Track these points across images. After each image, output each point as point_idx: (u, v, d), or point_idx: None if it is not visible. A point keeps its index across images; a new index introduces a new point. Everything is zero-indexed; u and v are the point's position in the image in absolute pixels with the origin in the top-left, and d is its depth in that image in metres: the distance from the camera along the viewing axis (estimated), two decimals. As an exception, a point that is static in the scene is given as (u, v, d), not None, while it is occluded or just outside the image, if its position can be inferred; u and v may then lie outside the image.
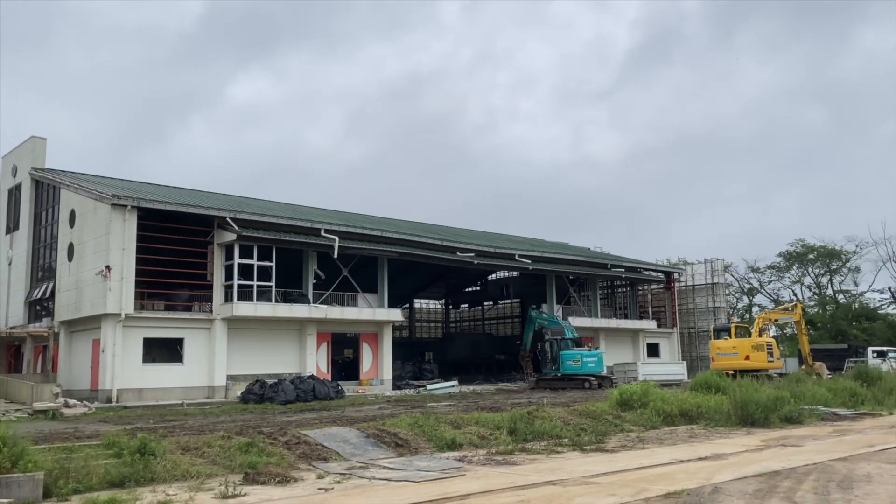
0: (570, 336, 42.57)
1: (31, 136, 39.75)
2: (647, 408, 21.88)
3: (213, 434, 15.44)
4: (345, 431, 16.77)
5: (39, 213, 39.53)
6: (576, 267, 51.39)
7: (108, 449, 13.56)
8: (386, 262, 40.71)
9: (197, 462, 13.47)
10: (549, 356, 42.26)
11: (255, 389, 31.87)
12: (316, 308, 36.75)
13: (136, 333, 32.40)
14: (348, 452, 15.36)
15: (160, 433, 15.99)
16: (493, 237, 55.99)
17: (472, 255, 44.06)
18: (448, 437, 16.81)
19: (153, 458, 12.78)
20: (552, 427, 18.63)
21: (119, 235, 31.77)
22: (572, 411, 21.62)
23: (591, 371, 40.57)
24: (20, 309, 39.65)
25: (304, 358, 37.13)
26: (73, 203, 35.28)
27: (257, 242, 34.80)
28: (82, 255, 33.82)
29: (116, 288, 31.45)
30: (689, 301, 60.58)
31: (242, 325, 35.30)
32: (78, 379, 33.56)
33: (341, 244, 37.07)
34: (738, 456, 14.71)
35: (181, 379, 33.46)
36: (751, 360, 36.24)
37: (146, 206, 32.71)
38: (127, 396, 31.37)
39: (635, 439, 18.13)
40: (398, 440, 16.51)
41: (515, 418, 18.55)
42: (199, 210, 34.42)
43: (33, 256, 39.65)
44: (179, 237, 33.85)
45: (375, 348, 40.58)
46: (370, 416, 21.78)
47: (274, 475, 12.36)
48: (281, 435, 16.02)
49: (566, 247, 61.78)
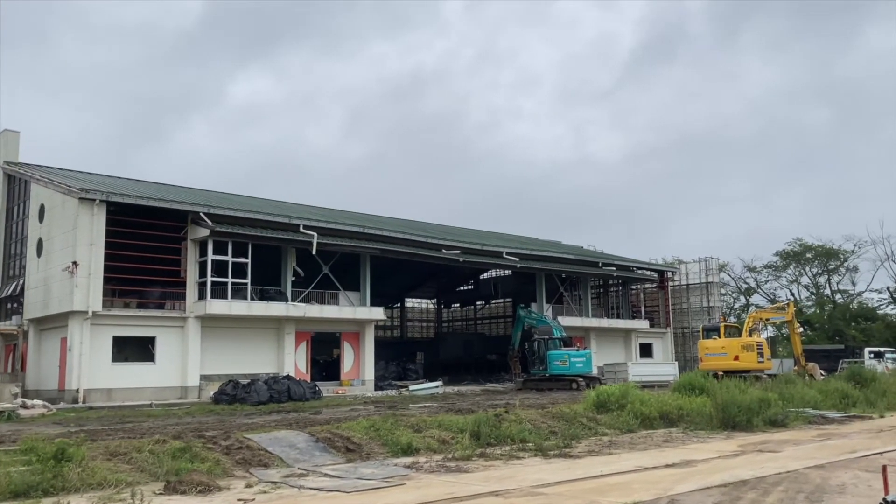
0: (559, 336, 41.59)
1: (3, 130, 38.77)
2: (625, 410, 20.85)
3: (146, 438, 14.41)
4: (293, 436, 15.74)
5: (11, 207, 38.58)
6: (566, 265, 50.32)
7: (24, 455, 12.54)
8: (368, 260, 39.68)
9: (121, 469, 12.45)
10: (536, 356, 41.31)
11: (228, 390, 30.89)
12: (294, 306, 35.72)
13: (105, 332, 31.39)
14: (292, 458, 14.33)
15: (87, 437, 14.95)
16: (483, 235, 54.94)
17: (458, 252, 43.00)
18: (404, 442, 15.79)
19: (70, 464, 11.75)
20: (519, 431, 17.59)
21: (87, 230, 30.76)
22: (545, 413, 20.61)
23: (579, 371, 39.59)
24: (-9, 306, 38.70)
25: (282, 358, 36.13)
26: (42, 197, 34.31)
27: (232, 238, 33.78)
28: (51, 251, 32.85)
29: (83, 284, 30.45)
30: (684, 301, 59.52)
31: (217, 323, 34.29)
32: (46, 378, 32.57)
33: (320, 241, 36.04)
34: (709, 463, 13.68)
35: (153, 379, 32.45)
36: (740, 360, 35.16)
37: (115, 199, 31.72)
38: (95, 397, 30.36)
39: (606, 444, 17.11)
40: (350, 445, 15.48)
41: (480, 421, 17.49)
42: (171, 205, 33.40)
43: (5, 252, 38.70)
44: (152, 233, 32.84)
45: (357, 348, 39.56)
46: (338, 418, 20.77)
47: (196, 484, 11.33)
48: (223, 439, 15.00)
49: (558, 245, 60.72)
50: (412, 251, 41.12)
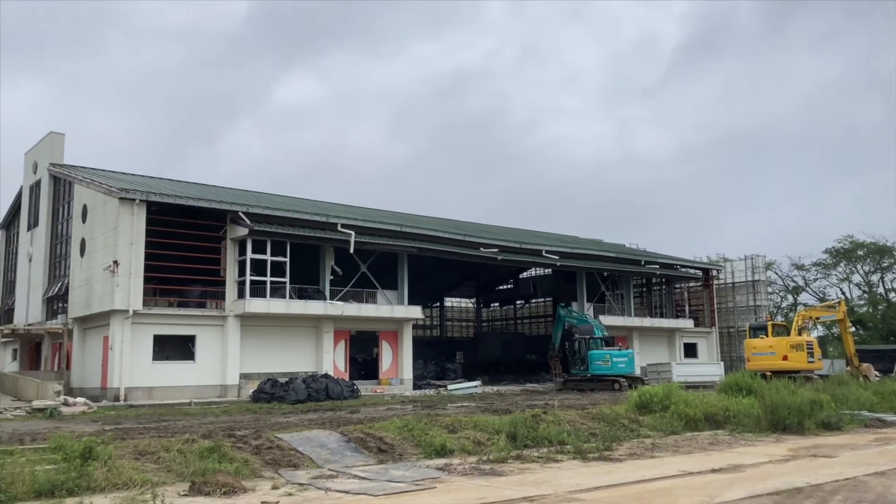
0: (600, 335, 40.83)
1: (49, 132, 39.42)
2: (669, 411, 20.10)
3: (177, 437, 14.22)
4: (324, 435, 15.41)
5: (56, 208, 39.21)
6: (607, 263, 49.40)
7: (53, 453, 12.42)
8: (406, 259, 39.37)
9: (148, 468, 12.24)
10: (577, 356, 40.59)
11: (267, 388, 30.89)
12: (332, 305, 35.58)
13: (146, 330, 31.63)
14: (323, 459, 13.99)
15: (119, 435, 14.84)
16: (522, 233, 54.25)
17: (496, 251, 42.43)
18: (438, 443, 15.32)
19: (96, 464, 11.57)
20: (557, 432, 16.99)
21: (127, 230, 31.02)
22: (585, 414, 19.96)
23: (621, 372, 38.77)
24: (39, 306, 39.36)
25: (321, 356, 36.03)
26: (85, 198, 34.76)
27: (270, 237, 33.77)
28: (93, 251, 33.23)
29: (124, 284, 30.70)
30: (729, 299, 57.99)
31: (256, 322, 34.33)
32: (90, 377, 32.97)
33: (358, 239, 35.85)
34: (758, 468, 12.94)
35: (193, 377, 32.60)
36: (789, 360, 33.87)
37: (155, 199, 31.94)
38: (136, 395, 30.60)
39: (649, 446, 16.41)
40: (382, 445, 15.08)
41: (517, 422, 16.94)
42: (209, 204, 33.54)
43: (51, 253, 39.35)
44: (191, 232, 33.04)
45: (395, 347, 39.29)
46: (373, 417, 20.47)
47: (221, 485, 11.03)
48: (254, 438, 14.75)
49: (599, 243, 59.67)
50: (450, 249, 40.69)
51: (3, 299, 44.92)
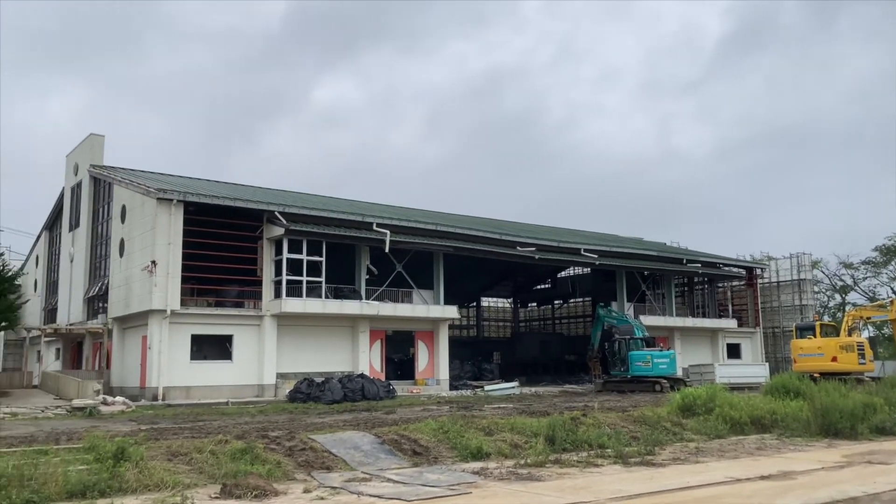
0: (641, 335, 40.07)
1: (89, 134, 39.96)
2: (713, 414, 19.44)
3: (210, 438, 14.07)
4: (358, 437, 15.14)
5: (97, 209, 39.72)
6: (648, 262, 48.50)
7: (86, 453, 12.33)
8: (441, 258, 39.07)
9: (180, 470, 12.08)
10: (617, 357, 39.89)
11: (303, 388, 30.86)
12: (367, 304, 35.44)
13: (184, 330, 31.80)
14: (357, 461, 13.72)
15: (152, 435, 14.75)
16: (560, 232, 53.56)
17: (533, 249, 41.89)
18: (474, 446, 14.94)
19: (127, 464, 11.45)
20: (598, 435, 16.49)
21: (165, 230, 31.23)
22: (626, 417, 19.40)
23: (662, 373, 37.98)
24: (80, 305, 39.93)
25: (357, 356, 35.92)
26: (124, 198, 35.13)
27: (306, 237, 33.74)
28: (132, 251, 33.55)
29: (162, 284, 30.91)
30: (774, 299, 56.55)
31: (292, 321, 34.33)
32: (129, 376, 33.29)
33: (393, 238, 35.65)
34: (810, 475, 12.31)
35: (230, 377, 32.71)
36: (838, 361, 32.74)
37: (192, 199, 32.11)
38: (174, 394, 30.78)
39: (693, 451, 15.82)
40: (417, 448, 14.75)
41: (555, 425, 16.47)
42: (246, 204, 33.64)
43: (91, 253, 39.89)
44: (229, 232, 33.16)
45: (431, 347, 39.01)
46: (409, 418, 20.18)
47: (252, 488, 10.81)
48: (287, 439, 14.54)
49: (639, 242, 58.67)
50: (486, 249, 40.28)
51: (47, 299, 45.72)
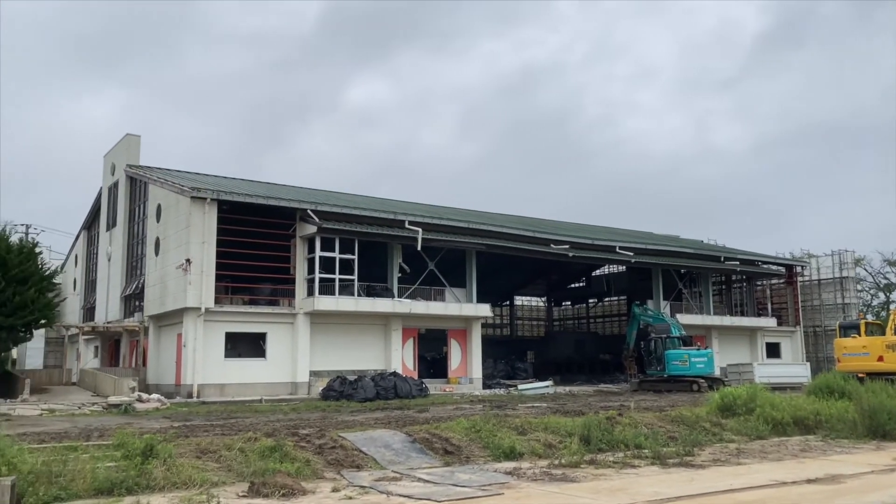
0: (677, 334, 39.31)
1: (126, 134, 40.42)
2: (754, 414, 18.87)
3: (240, 435, 13.95)
4: (389, 435, 14.92)
5: (133, 209, 40.16)
6: (685, 260, 47.63)
7: (116, 450, 12.28)
8: (474, 256, 38.74)
9: (208, 468, 11.96)
10: (653, 356, 39.19)
11: (336, 386, 30.79)
12: (399, 302, 35.27)
13: (218, 328, 31.95)
14: (387, 460, 13.50)
15: (183, 433, 14.68)
16: (594, 230, 52.88)
17: (567, 247, 41.35)
18: (507, 445, 14.63)
19: (155, 462, 11.36)
20: (634, 435, 16.06)
21: (199, 228, 31.39)
22: (663, 417, 18.92)
23: (699, 372, 37.23)
24: (117, 304, 40.42)
25: (389, 354, 35.78)
26: (159, 198, 35.43)
27: (339, 235, 33.68)
28: (167, 250, 33.82)
29: (196, 282, 31.08)
30: (815, 297, 55.17)
31: (325, 319, 34.30)
32: (165, 373, 33.56)
33: (425, 236, 35.43)
34: (859, 479, 11.78)
35: (264, 374, 32.78)
36: (885, 361, 31.59)
37: (225, 198, 32.24)
38: (208, 392, 30.92)
39: (733, 452, 15.32)
40: (448, 447, 14.48)
41: (590, 424, 16.09)
42: (279, 202, 33.69)
43: (128, 252, 40.33)
44: (262, 230, 33.24)
45: (464, 345, 38.72)
46: (441, 416, 19.92)
47: (280, 487, 10.62)
48: (317, 437, 14.38)
49: (676, 239, 57.68)
50: (519, 246, 39.87)
51: (86, 297, 46.42)
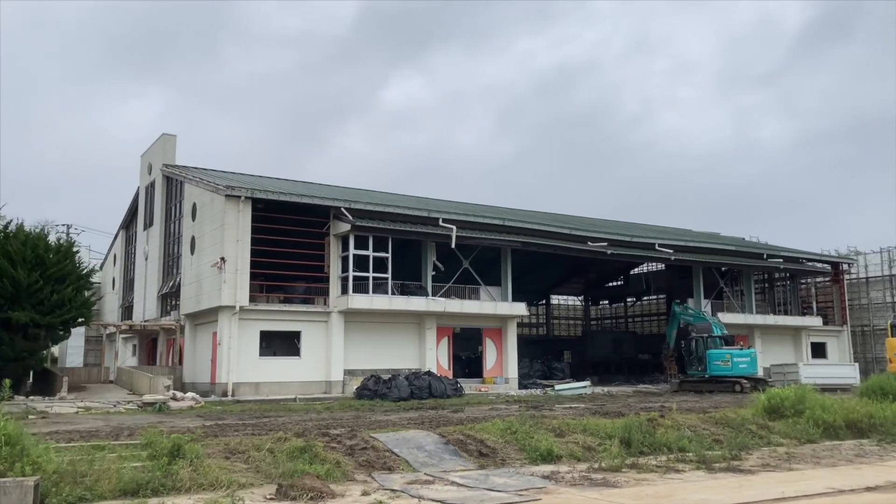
0: (719, 333, 38.29)
1: (162, 134, 40.67)
2: (803, 417, 18.04)
3: (270, 435, 13.64)
4: (422, 436, 14.49)
5: (169, 208, 40.38)
6: (726, 257, 46.45)
7: (143, 449, 12.04)
8: (509, 254, 38.17)
9: (236, 468, 11.65)
10: (694, 356, 38.25)
11: (370, 385, 30.52)
12: (434, 301, 34.86)
13: (252, 326, 31.89)
14: (420, 462, 13.07)
15: (212, 432, 14.42)
16: (633, 227, 51.91)
17: (605, 244, 40.54)
18: (544, 448, 14.10)
19: (182, 462, 11.07)
20: (677, 438, 15.41)
21: (233, 227, 31.36)
22: (707, 418, 18.20)
23: (742, 372, 36.25)
24: (154, 303, 40.69)
25: (424, 353, 35.41)
26: (194, 196, 35.53)
27: (372, 233, 33.40)
28: (202, 248, 33.88)
29: (231, 280, 31.04)
30: (863, 295, 53.45)
31: (359, 318, 34.06)
32: (200, 372, 33.62)
33: (459, 234, 34.97)
34: (923, 487, 11.01)
35: (298, 373, 32.64)
36: (940, 361, 30.49)
37: (259, 196, 32.17)
38: (243, 390, 30.86)
39: (783, 456, 14.60)
40: (483, 449, 14.00)
41: (631, 426, 15.47)
42: (312, 200, 33.53)
43: (164, 251, 40.57)
44: (296, 229, 33.11)
45: (499, 344, 38.18)
46: (476, 417, 19.47)
47: (308, 490, 10.25)
48: (348, 438, 14.00)
49: (716, 237, 56.39)
50: (555, 244, 39.17)
51: (124, 296, 46.89)
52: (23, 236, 28.51)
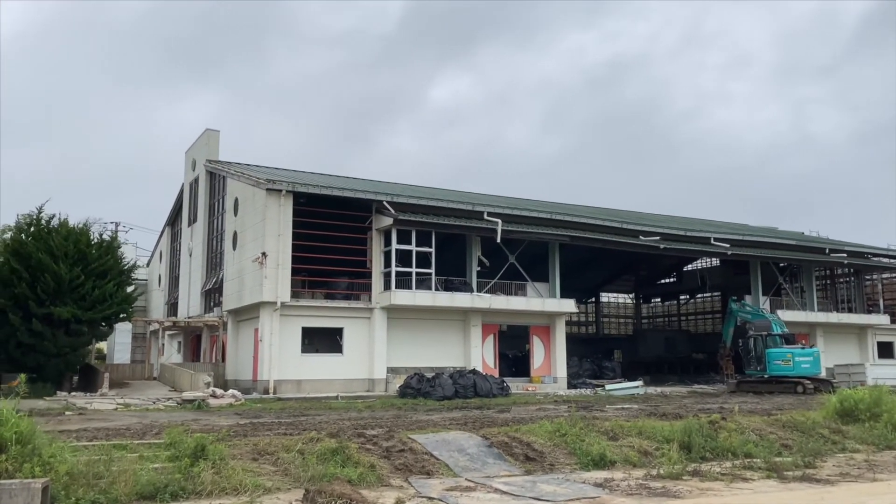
0: (779, 332, 36.44)
1: (205, 129, 40.50)
2: (880, 420, 16.55)
3: (301, 436, 12.81)
4: (464, 438, 13.51)
5: (212, 203, 40.17)
6: (786, 252, 44.38)
7: (166, 449, 11.33)
8: (557, 249, 36.89)
9: (263, 471, 10.85)
10: (752, 355, 36.49)
11: (413, 383, 29.68)
12: (479, 297, 33.82)
13: (294, 322, 31.31)
14: (461, 466, 12.10)
15: (244, 431, 13.67)
16: (686, 221, 50.05)
17: (658, 238, 38.93)
18: (596, 452, 13.01)
19: (205, 464, 10.31)
20: (742, 443, 14.15)
21: (274, 221, 30.83)
22: (773, 422, 16.84)
23: (805, 373, 34.42)
24: (198, 299, 40.55)
25: (469, 351, 34.41)
26: (236, 191, 35.17)
27: (415, 227, 32.53)
28: (243, 243, 33.48)
29: (272, 275, 30.51)
30: (933, 292, 50.62)
31: (402, 314, 33.23)
32: (243, 369, 33.21)
33: (505, 228, 33.87)
34: None
35: (341, 371, 31.97)
36: None
37: (300, 190, 31.60)
38: (285, 388, 30.31)
39: (863, 465, 13.25)
40: (530, 452, 12.97)
41: (691, 429, 14.25)
42: (354, 194, 32.83)
43: (208, 247, 40.39)
44: (338, 223, 32.42)
45: (547, 342, 36.95)
46: (523, 418, 18.44)
47: (337, 496, 9.34)
48: (385, 439, 13.11)
49: (774, 231, 54.11)
50: (606, 238, 37.71)
51: (170, 293, 46.99)
52: (65, 231, 28.39)
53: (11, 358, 27.74)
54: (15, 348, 27.23)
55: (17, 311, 26.98)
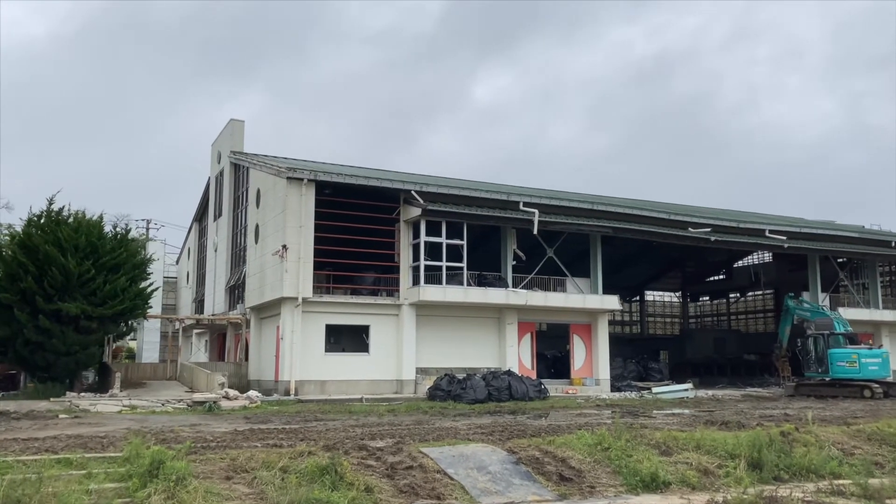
0: (842, 331, 33.47)
1: (230, 120, 38.97)
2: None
3: (287, 450, 10.77)
4: (485, 453, 11.33)
5: (237, 196, 38.60)
6: (848, 245, 41.18)
7: (122, 465, 9.39)
8: (599, 242, 34.37)
9: (234, 494, 8.84)
10: (812, 356, 33.62)
11: (443, 385, 27.57)
12: (514, 293, 31.53)
13: (317, 319, 29.44)
14: (479, 488, 9.94)
15: (245, 437, 11.67)
16: (737, 213, 47.02)
17: (708, 230, 36.14)
18: (646, 471, 10.76)
19: (159, 485, 8.33)
20: (824, 460, 11.74)
21: (295, 212, 28.99)
22: (855, 433, 14.36)
23: (872, 375, 31.49)
24: (222, 296, 39.06)
25: (504, 350, 32.16)
26: (258, 182, 33.51)
27: (445, 218, 30.38)
28: (265, 237, 31.77)
29: (293, 269, 28.69)
30: None
31: (432, 311, 31.11)
32: (265, 368, 31.48)
33: (542, 219, 31.53)
34: None
35: (367, 371, 30.02)
36: None
37: (323, 179, 29.71)
38: (307, 389, 28.48)
39: (979, 490, 10.68)
40: (565, 471, 10.76)
41: (760, 443, 11.90)
42: (380, 183, 30.82)
43: (232, 242, 38.86)
44: (363, 214, 30.44)
45: (589, 342, 34.49)
46: (560, 426, 16.20)
47: (311, 532, 7.30)
48: (392, 452, 11.01)
49: (832, 224, 50.68)
50: (651, 230, 35.04)
51: (197, 290, 45.68)
52: (75, 223, 26.91)
53: (20, 356, 26.36)
54: (23, 346, 25.82)
55: (24, 306, 25.56)
